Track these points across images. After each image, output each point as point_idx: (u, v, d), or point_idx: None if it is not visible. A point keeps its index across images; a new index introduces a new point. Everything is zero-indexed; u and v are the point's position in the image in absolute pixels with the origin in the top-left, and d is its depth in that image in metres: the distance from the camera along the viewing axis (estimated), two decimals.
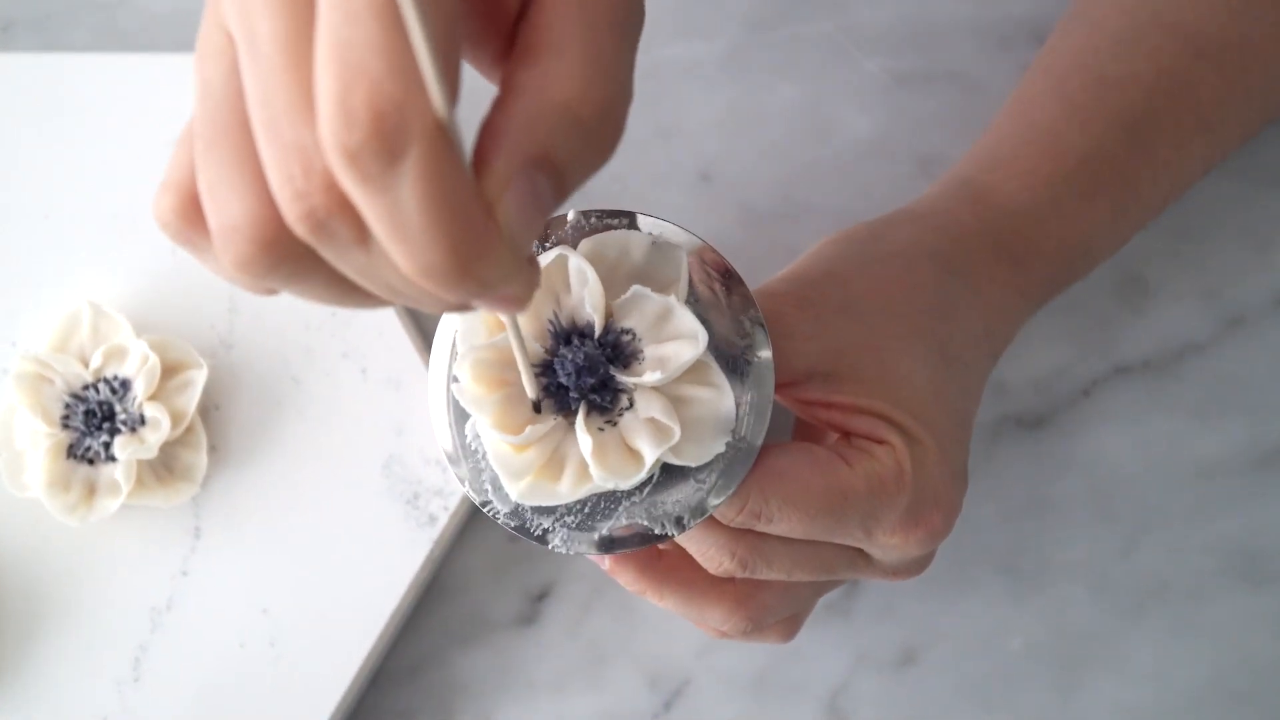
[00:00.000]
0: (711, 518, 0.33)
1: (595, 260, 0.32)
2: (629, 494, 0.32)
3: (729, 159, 0.48)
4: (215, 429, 0.45)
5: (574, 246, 0.33)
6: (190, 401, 0.44)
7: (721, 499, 0.32)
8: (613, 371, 0.32)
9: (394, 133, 0.19)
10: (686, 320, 0.31)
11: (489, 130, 0.22)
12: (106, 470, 0.44)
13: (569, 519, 0.33)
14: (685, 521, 0.32)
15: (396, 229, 0.20)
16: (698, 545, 0.34)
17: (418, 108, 0.19)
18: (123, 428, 0.44)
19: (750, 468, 0.33)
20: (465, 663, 0.46)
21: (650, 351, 0.32)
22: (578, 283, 0.32)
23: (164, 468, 0.44)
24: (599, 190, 0.48)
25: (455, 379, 0.32)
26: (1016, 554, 0.46)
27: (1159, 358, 0.47)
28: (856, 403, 0.35)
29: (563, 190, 0.22)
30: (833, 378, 0.35)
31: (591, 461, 0.31)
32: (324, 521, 0.45)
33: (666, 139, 0.48)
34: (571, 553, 0.33)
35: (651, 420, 0.31)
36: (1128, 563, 0.46)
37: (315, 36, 0.20)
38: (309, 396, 0.45)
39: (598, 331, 0.32)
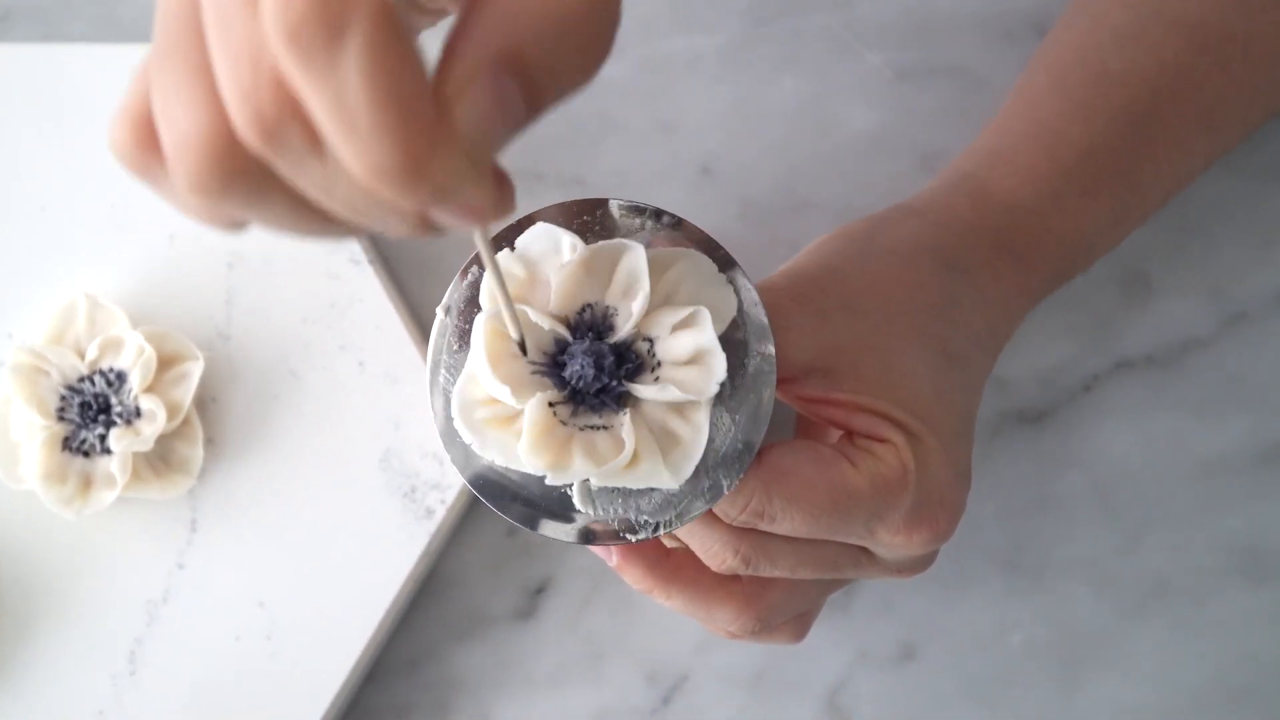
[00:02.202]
0: (715, 515, 0.33)
1: (654, 272, 0.31)
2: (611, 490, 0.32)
3: (730, 153, 0.48)
4: (212, 421, 0.45)
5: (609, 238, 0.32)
6: (186, 394, 0.44)
7: (684, 521, 0.32)
8: (616, 383, 0.31)
9: (334, 8, 0.18)
10: (718, 361, 0.31)
11: (459, 24, 0.21)
12: (102, 463, 0.43)
13: (547, 505, 0.32)
14: (657, 527, 0.32)
15: (342, 120, 0.19)
16: (701, 542, 0.34)
17: None
18: (118, 420, 0.43)
19: (752, 465, 0.32)
20: (463, 657, 0.45)
21: (665, 372, 0.32)
22: (626, 285, 0.31)
23: (160, 460, 0.44)
24: (598, 184, 0.48)
25: (445, 311, 0.32)
26: (1017, 550, 0.46)
27: (1161, 353, 0.47)
28: (857, 400, 0.35)
29: (537, 99, 0.21)
30: (832, 374, 0.35)
31: (526, 445, 0.30)
32: (321, 515, 0.44)
33: (667, 133, 0.48)
34: (552, 537, 0.32)
35: (618, 437, 0.31)
36: (1129, 559, 0.46)
37: None
38: (306, 389, 0.45)
39: (618, 337, 0.31)
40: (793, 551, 0.35)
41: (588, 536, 0.32)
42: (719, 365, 0.31)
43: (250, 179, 0.21)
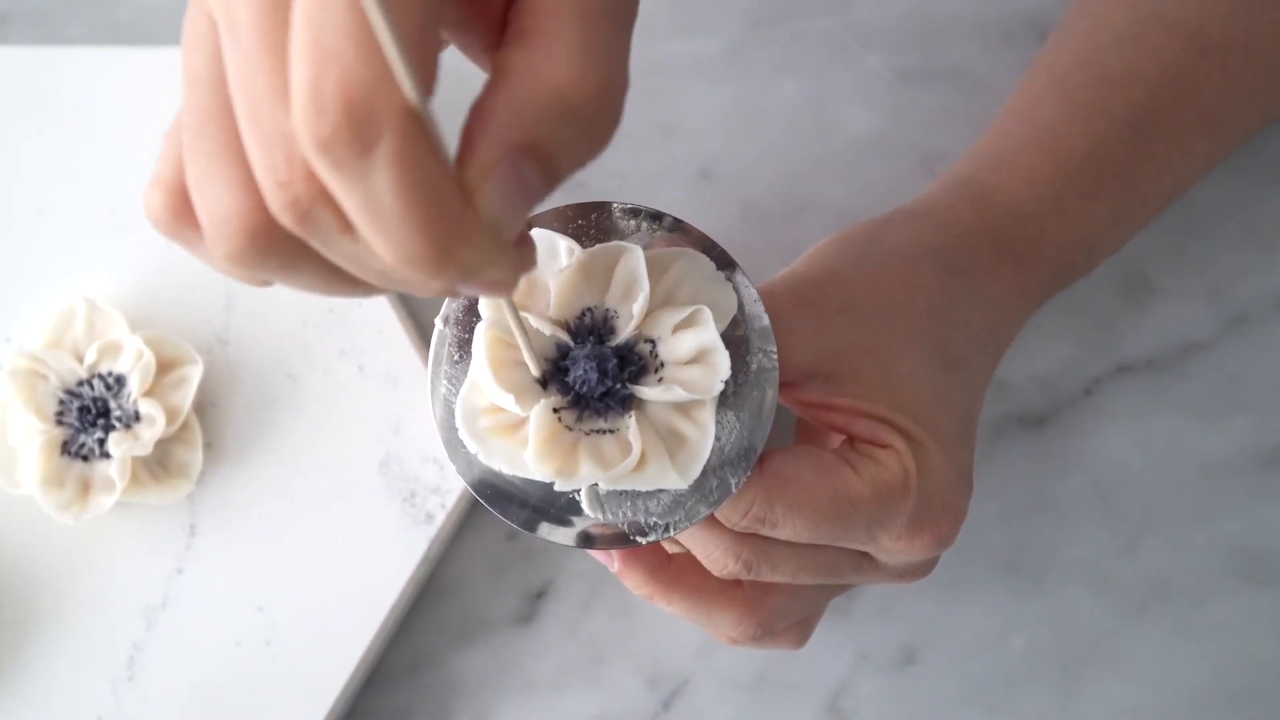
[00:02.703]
0: (717, 521, 0.33)
1: (653, 273, 0.31)
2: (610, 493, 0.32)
3: (730, 156, 0.48)
4: (211, 426, 0.45)
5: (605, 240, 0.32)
6: (185, 398, 0.44)
7: (693, 521, 0.32)
8: (620, 386, 0.31)
9: (364, 120, 0.19)
10: (722, 359, 0.31)
11: (476, 115, 0.21)
12: (101, 467, 0.43)
13: (551, 510, 0.32)
14: (667, 528, 0.32)
15: (373, 217, 0.20)
16: (703, 547, 0.34)
17: (389, 95, 0.19)
18: (117, 424, 0.43)
19: (753, 471, 0.32)
20: (463, 662, 0.45)
21: (669, 372, 0.31)
22: (625, 288, 0.31)
23: (159, 465, 0.44)
24: (598, 187, 0.48)
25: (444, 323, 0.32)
26: (1018, 553, 0.46)
27: (1162, 356, 0.47)
28: (857, 405, 0.35)
29: (552, 179, 0.22)
30: (833, 378, 0.35)
31: (533, 452, 0.30)
32: (320, 519, 0.44)
33: (668, 136, 0.48)
34: (551, 540, 0.32)
35: (625, 440, 0.31)
36: (1130, 562, 0.46)
37: (290, 21, 0.19)
38: (306, 394, 0.45)
39: (619, 340, 0.31)
40: (794, 557, 0.34)
41: (590, 540, 0.32)
42: (723, 363, 0.31)
43: (284, 253, 0.22)
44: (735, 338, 0.32)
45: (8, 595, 0.44)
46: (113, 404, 0.43)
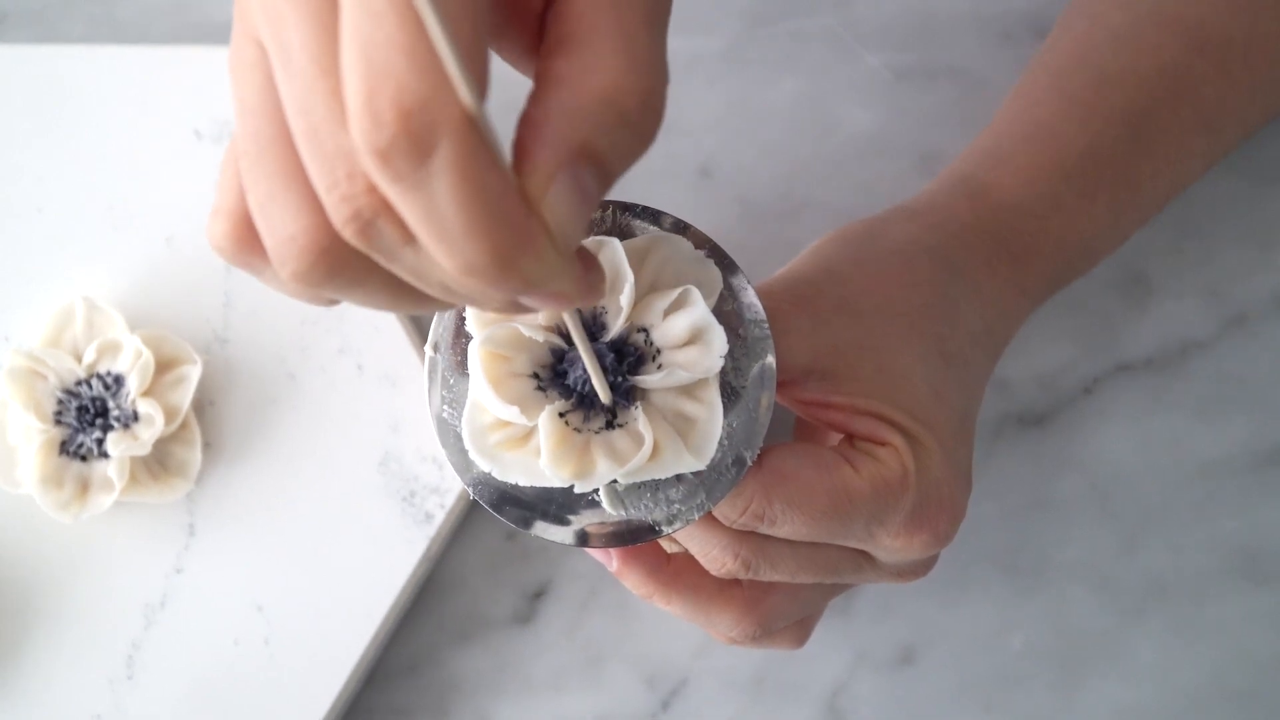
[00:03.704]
0: (715, 519, 0.33)
1: (633, 262, 0.31)
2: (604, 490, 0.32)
3: (729, 154, 0.48)
4: (210, 425, 0.45)
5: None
6: (184, 397, 0.44)
7: (695, 517, 0.32)
8: (621, 379, 0.31)
9: (421, 131, 0.19)
10: (717, 335, 0.31)
11: (528, 124, 0.22)
12: (100, 466, 0.43)
13: (549, 507, 0.32)
14: (660, 528, 0.32)
15: (434, 227, 0.20)
16: (700, 545, 0.34)
17: (445, 104, 0.19)
18: (116, 424, 0.43)
19: (751, 468, 0.32)
20: (462, 661, 0.45)
21: (667, 357, 0.31)
22: (610, 281, 0.31)
23: (158, 464, 0.44)
24: None
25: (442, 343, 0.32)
26: (1017, 553, 0.46)
27: (1161, 356, 0.47)
28: (855, 403, 0.35)
29: (607, 182, 0.22)
30: (831, 376, 0.35)
31: (547, 459, 0.30)
32: (319, 519, 0.44)
33: (666, 134, 0.48)
34: (550, 539, 0.32)
35: (635, 432, 0.31)
36: (1129, 561, 0.46)
37: (340, 39, 0.20)
38: (304, 393, 0.45)
39: (612, 334, 0.31)
40: (793, 555, 0.34)
41: (588, 539, 0.32)
42: (718, 339, 0.31)
43: (350, 270, 0.22)
44: (725, 312, 0.32)
45: (7, 594, 0.44)
46: (111, 403, 0.43)
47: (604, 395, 0.31)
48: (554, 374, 0.31)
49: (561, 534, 0.32)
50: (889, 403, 0.35)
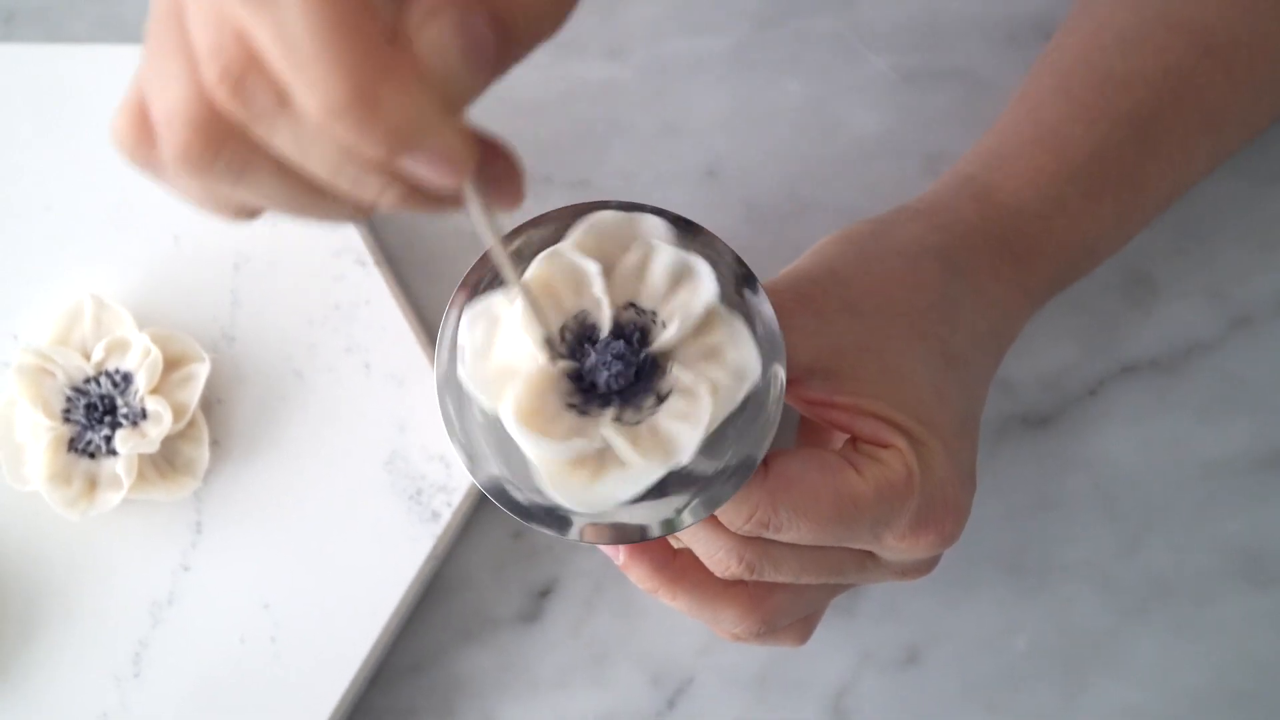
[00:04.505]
0: (719, 522, 0.33)
1: (598, 252, 0.31)
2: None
3: (735, 156, 0.48)
4: (217, 423, 0.45)
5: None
6: (192, 395, 0.44)
7: (696, 518, 0.32)
8: (641, 356, 0.31)
9: None
10: (698, 264, 0.30)
11: None
12: (108, 464, 0.43)
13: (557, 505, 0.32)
14: (673, 524, 0.32)
15: (288, 52, 0.19)
16: (705, 548, 0.34)
17: None
18: (124, 421, 0.43)
19: (756, 474, 0.32)
20: (467, 660, 0.45)
21: (663, 311, 0.31)
22: (581, 283, 0.31)
23: (165, 462, 0.44)
24: (605, 187, 0.48)
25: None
26: (1021, 553, 0.46)
27: (1165, 357, 0.47)
28: (858, 404, 0.35)
29: (508, 43, 0.20)
30: (834, 376, 0.35)
31: (630, 453, 0.30)
32: (326, 517, 0.44)
33: (673, 135, 0.48)
34: (550, 532, 0.32)
35: (685, 398, 0.31)
36: (1132, 562, 0.46)
37: None
38: (312, 391, 0.45)
39: (606, 329, 0.31)
40: (797, 558, 0.34)
41: (600, 535, 0.32)
42: (700, 266, 0.31)
43: (232, 145, 0.21)
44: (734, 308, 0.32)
45: (14, 592, 0.44)
46: (120, 401, 0.43)
47: (540, 352, 0.30)
48: (583, 390, 0.31)
49: (571, 530, 0.32)
50: (892, 404, 0.35)
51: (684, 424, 0.31)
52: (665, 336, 0.31)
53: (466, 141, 0.21)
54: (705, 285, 0.31)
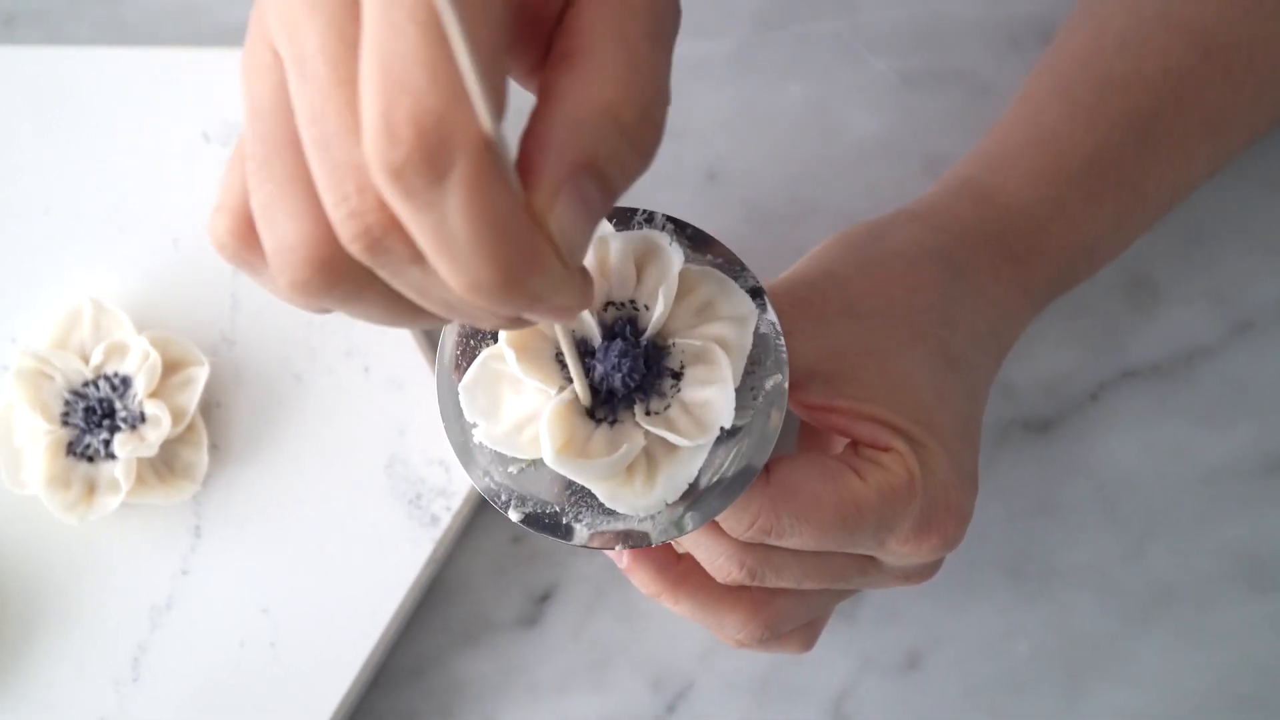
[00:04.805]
0: (720, 528, 0.33)
1: (683, 285, 0.32)
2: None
3: (736, 158, 0.48)
4: (216, 427, 0.45)
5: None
6: (191, 399, 0.44)
7: (698, 524, 0.32)
8: (636, 386, 0.31)
9: (437, 149, 0.19)
10: (727, 409, 0.31)
11: (532, 138, 0.21)
12: (106, 468, 0.43)
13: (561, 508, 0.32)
14: (683, 526, 0.32)
15: (444, 247, 0.20)
16: (706, 554, 0.34)
17: (462, 123, 0.19)
18: (123, 425, 0.43)
19: (758, 481, 0.32)
20: (467, 664, 0.45)
21: (641, 296, 0.31)
22: (658, 285, 0.31)
23: (164, 466, 0.44)
24: None
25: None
26: (1023, 558, 0.46)
27: (1167, 362, 0.47)
28: (858, 408, 0.34)
29: (610, 196, 0.22)
30: (833, 380, 0.35)
31: (675, 437, 0.30)
32: (326, 521, 0.44)
33: (673, 138, 0.48)
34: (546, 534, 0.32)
35: (617, 445, 0.31)
36: (1134, 567, 0.46)
37: (359, 51, 0.19)
38: (311, 395, 0.45)
39: (597, 337, 0.31)
40: (799, 563, 0.34)
41: (598, 539, 0.32)
42: (717, 419, 0.31)
43: (350, 283, 0.22)
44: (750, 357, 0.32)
45: (13, 596, 0.44)
46: (118, 405, 0.43)
47: (584, 398, 0.31)
48: (603, 401, 0.31)
49: (568, 535, 0.32)
50: (892, 407, 0.35)
51: (711, 387, 0.31)
52: (655, 317, 0.31)
53: (584, 292, 0.23)
54: (668, 253, 0.31)
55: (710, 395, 0.31)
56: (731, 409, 0.30)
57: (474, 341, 0.32)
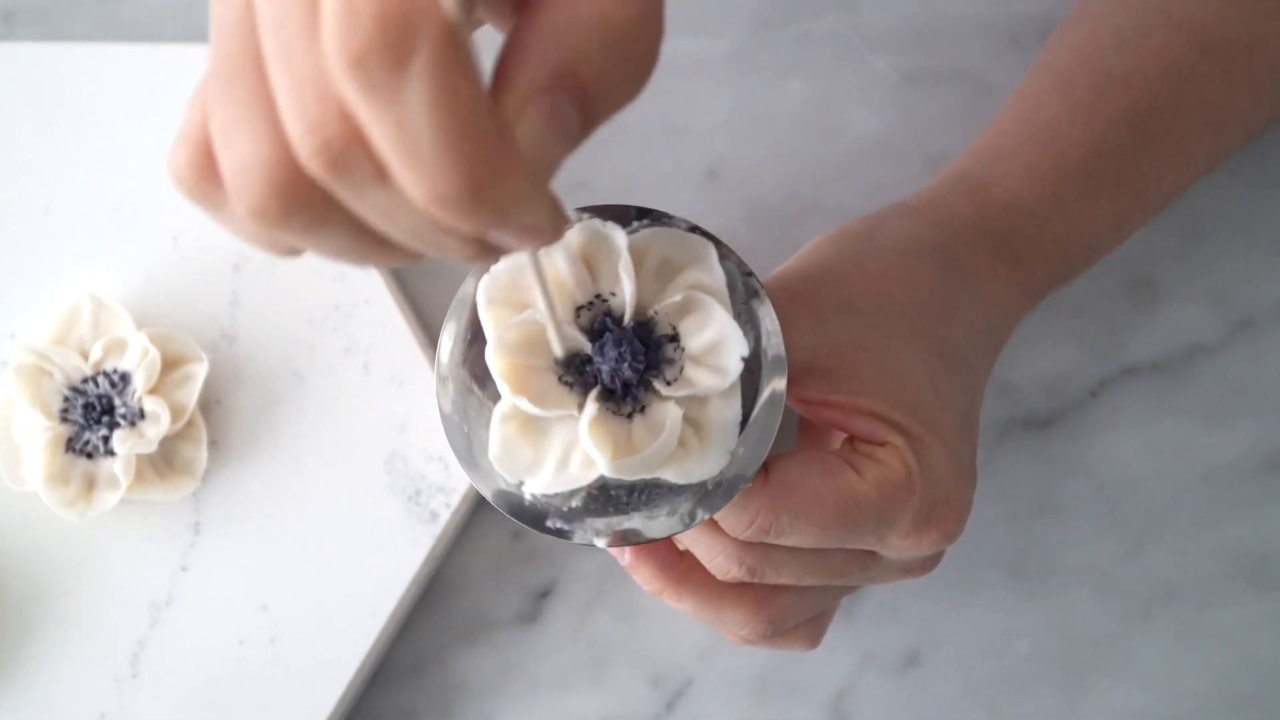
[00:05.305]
0: (719, 526, 0.33)
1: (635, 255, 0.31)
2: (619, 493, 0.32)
3: (737, 157, 0.48)
4: (216, 423, 0.45)
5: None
6: (191, 395, 0.44)
7: (697, 522, 0.32)
8: (649, 374, 0.31)
9: (400, 33, 0.18)
10: (732, 355, 0.31)
11: (512, 44, 0.21)
12: (106, 464, 0.43)
13: (560, 506, 0.32)
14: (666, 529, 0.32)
15: (405, 148, 0.19)
16: (706, 552, 0.34)
17: (425, 8, 0.18)
18: (122, 421, 0.43)
19: (756, 480, 0.32)
20: (466, 662, 0.45)
21: (604, 287, 0.31)
22: (537, 335, 0.31)
23: (164, 462, 0.44)
24: (605, 188, 0.48)
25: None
26: (1022, 556, 0.46)
27: (1168, 360, 0.47)
28: (855, 403, 0.34)
29: (591, 115, 0.21)
30: (831, 375, 0.35)
31: (700, 388, 0.30)
32: (325, 518, 0.44)
33: (674, 136, 0.48)
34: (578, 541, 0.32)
35: (660, 427, 0.31)
36: (1134, 566, 0.45)
37: None
38: (311, 392, 0.45)
39: (629, 320, 0.31)
40: (799, 560, 0.34)
41: (601, 536, 0.32)
42: (733, 357, 0.31)
43: (312, 207, 0.21)
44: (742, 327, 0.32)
45: (12, 592, 0.44)
46: (118, 401, 0.43)
47: (557, 350, 0.30)
48: (578, 373, 0.31)
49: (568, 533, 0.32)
50: (889, 402, 0.34)
51: (709, 329, 0.31)
52: (626, 297, 0.31)
53: (554, 213, 0.22)
54: (609, 235, 0.31)
55: (712, 336, 0.31)
56: (739, 336, 0.31)
57: (469, 347, 0.32)
